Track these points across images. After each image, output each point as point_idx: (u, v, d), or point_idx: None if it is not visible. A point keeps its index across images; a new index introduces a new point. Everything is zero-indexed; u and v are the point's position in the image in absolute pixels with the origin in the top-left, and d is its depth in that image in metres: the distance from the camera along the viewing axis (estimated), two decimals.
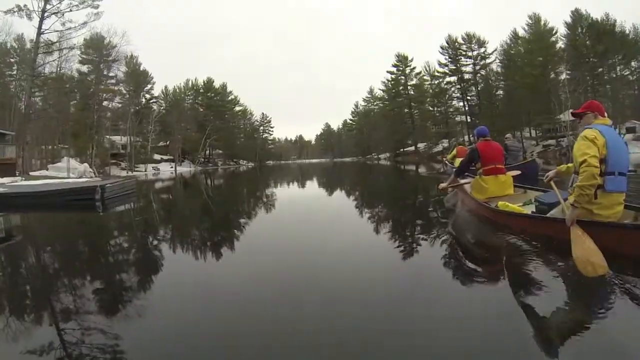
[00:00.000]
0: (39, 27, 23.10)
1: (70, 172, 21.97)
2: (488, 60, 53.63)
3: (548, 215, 4.16)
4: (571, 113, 4.42)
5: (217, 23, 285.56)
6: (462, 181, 6.85)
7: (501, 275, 3.39)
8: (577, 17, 43.86)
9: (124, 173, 40.91)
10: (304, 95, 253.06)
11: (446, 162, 17.30)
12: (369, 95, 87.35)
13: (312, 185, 18.11)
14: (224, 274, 3.99)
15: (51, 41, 23.68)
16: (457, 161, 14.27)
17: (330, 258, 4.29)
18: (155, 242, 5.81)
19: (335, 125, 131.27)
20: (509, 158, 9.90)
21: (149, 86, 61.19)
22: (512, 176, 6.20)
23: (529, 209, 4.85)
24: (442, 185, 7.11)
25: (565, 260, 3.28)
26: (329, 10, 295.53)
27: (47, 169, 25.09)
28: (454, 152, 15.80)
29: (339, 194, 13.54)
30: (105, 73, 48.19)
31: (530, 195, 5.78)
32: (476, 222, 5.50)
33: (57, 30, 23.51)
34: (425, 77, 63.26)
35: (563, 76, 43.25)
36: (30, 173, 23.25)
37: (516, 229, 4.39)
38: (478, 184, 6.00)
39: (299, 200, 12.06)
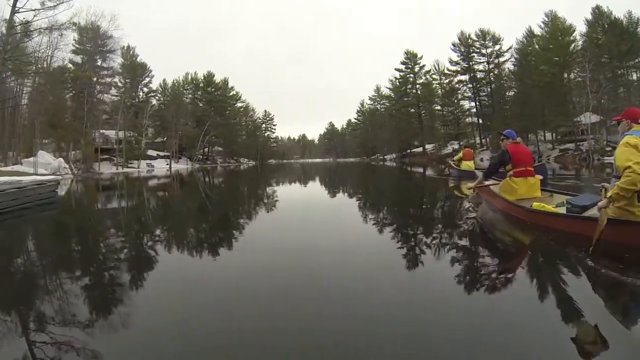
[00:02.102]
0: (14, 5, 20.68)
1: (40, 168, 19.50)
2: (503, 59, 51.03)
3: (586, 215, 4.33)
4: (613, 119, 4.67)
5: (218, 18, 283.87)
6: (487, 182, 6.92)
7: (541, 276, 3.34)
8: (598, 15, 41.45)
9: (113, 169, 38.57)
10: (307, 94, 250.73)
11: (451, 164, 17.16)
12: (375, 94, 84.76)
13: (316, 187, 16.72)
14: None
15: (27, 20, 21.22)
16: (463, 164, 15.45)
17: (331, 259, 4.13)
18: None
19: (340, 124, 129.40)
20: None
21: (147, 79, 59.06)
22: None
23: (561, 211, 4.88)
24: (470, 185, 7.44)
25: (614, 262, 3.34)
26: (337, 9, 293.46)
27: (21, 164, 22.68)
28: (460, 154, 16.08)
29: (344, 196, 12.49)
30: (99, 64, 45.99)
31: (557, 198, 5.88)
32: (507, 222, 5.57)
33: (35, 10, 21.07)
34: (434, 76, 61.00)
35: (582, 76, 40.85)
36: (1, 168, 20.83)
37: (555, 229, 4.45)
38: (508, 185, 6.13)
39: (301, 202, 10.86)
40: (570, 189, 7.93)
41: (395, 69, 64.72)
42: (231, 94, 73.40)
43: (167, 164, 48.63)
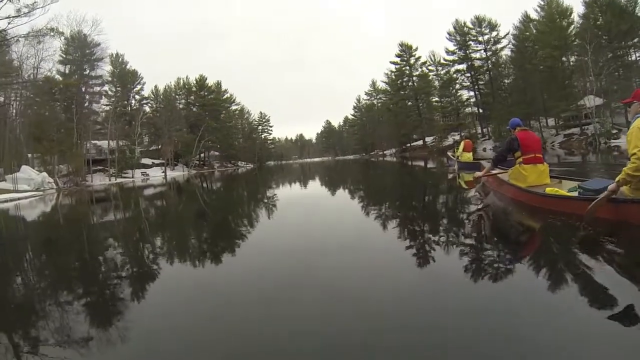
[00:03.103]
0: None
1: (22, 184, 18.34)
2: (500, 45, 49.96)
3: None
4: (621, 102, 5.08)
5: (211, 20, 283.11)
6: (494, 171, 6.93)
7: (563, 261, 3.16)
8: None
9: (106, 180, 37.51)
10: (303, 94, 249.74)
11: (450, 155, 17.22)
12: (371, 89, 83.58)
13: (317, 186, 15.97)
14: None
15: (2, 29, 20.15)
16: (464, 155, 15.25)
17: (337, 258, 3.91)
18: None
19: (337, 122, 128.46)
20: None
21: (139, 87, 58.06)
22: None
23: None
24: (479, 173, 7.33)
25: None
26: (332, 9, 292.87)
27: (5, 180, 21.53)
28: (462, 146, 15.80)
29: (346, 194, 11.87)
30: (87, 72, 45.07)
31: (566, 184, 5.81)
32: (519, 209, 5.38)
33: (9, 17, 20.00)
34: (430, 68, 59.87)
35: (579, 59, 39.82)
36: None
37: (571, 213, 4.31)
38: (518, 173, 6.05)
39: (303, 202, 10.25)
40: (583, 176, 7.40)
41: (391, 62, 63.62)
42: (225, 96, 72.25)
43: (163, 172, 47.49)
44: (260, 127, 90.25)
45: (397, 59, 62.24)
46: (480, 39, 50.78)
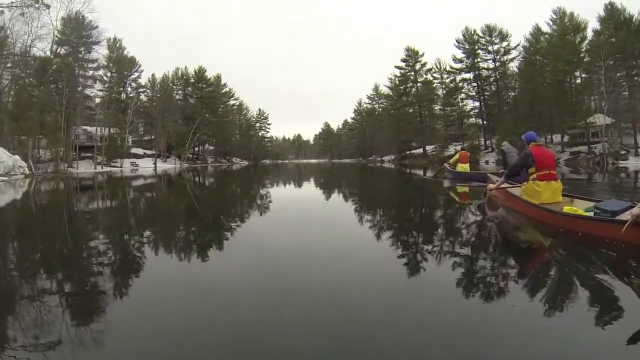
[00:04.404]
0: None
1: None
2: (510, 56, 48.81)
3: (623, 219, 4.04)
4: None
5: (211, 20, 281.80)
6: (505, 185, 6.88)
7: (586, 285, 2.96)
8: (611, 11, 39.29)
9: (92, 168, 35.85)
10: (302, 94, 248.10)
11: (447, 166, 17.05)
12: (373, 93, 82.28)
13: (313, 188, 15.45)
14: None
15: None
16: (459, 166, 15.28)
17: (334, 264, 3.83)
18: None
19: (335, 125, 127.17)
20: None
21: (136, 74, 56.26)
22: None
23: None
24: (491, 186, 7.34)
25: None
26: (332, 9, 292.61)
27: None
28: (456, 156, 15.86)
29: (343, 199, 11.44)
30: (82, 55, 43.40)
31: (578, 203, 5.65)
32: (534, 226, 5.34)
33: None
34: (435, 75, 58.63)
35: (587, 75, 38.80)
36: None
37: (593, 234, 4.21)
38: (531, 189, 5.89)
39: (298, 205, 9.84)
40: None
41: (396, 67, 62.21)
42: (224, 90, 70.65)
43: (153, 163, 45.79)
44: (257, 124, 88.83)
45: (403, 64, 60.88)
46: (489, 48, 49.58)
